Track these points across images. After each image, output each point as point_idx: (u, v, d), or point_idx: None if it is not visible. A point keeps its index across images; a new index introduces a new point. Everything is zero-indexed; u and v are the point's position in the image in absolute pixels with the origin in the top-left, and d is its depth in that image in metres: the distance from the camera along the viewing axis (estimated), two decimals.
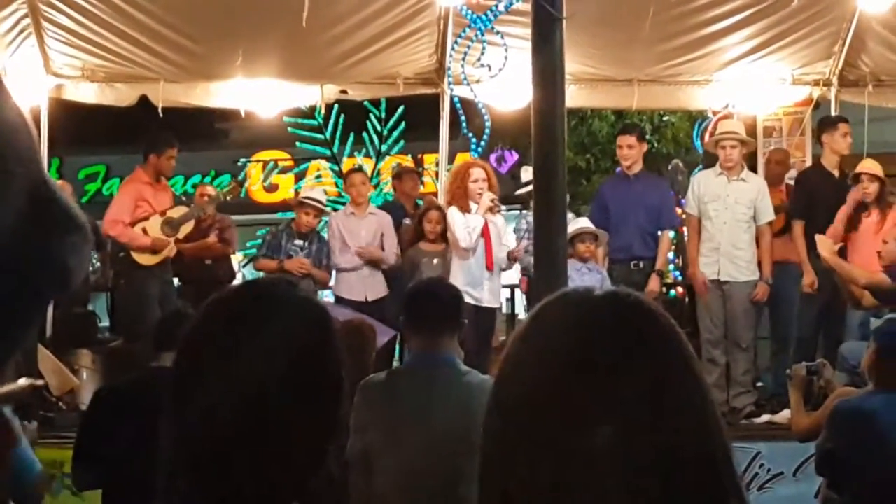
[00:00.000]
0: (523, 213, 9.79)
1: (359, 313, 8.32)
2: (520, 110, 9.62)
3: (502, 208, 9.09)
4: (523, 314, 10.61)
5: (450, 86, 10.38)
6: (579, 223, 9.14)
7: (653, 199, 9.47)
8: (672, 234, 10.14)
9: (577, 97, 10.66)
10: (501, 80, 9.91)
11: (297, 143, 17.32)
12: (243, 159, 19.03)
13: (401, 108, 16.36)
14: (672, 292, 11.81)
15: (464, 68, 10.06)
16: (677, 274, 12.12)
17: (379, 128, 17.08)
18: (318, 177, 17.43)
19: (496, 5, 9.68)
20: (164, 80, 10.40)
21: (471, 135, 10.22)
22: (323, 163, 17.41)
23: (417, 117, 14.49)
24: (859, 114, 10.59)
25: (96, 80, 10.49)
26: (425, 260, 9.16)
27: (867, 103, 10.80)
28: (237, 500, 1.62)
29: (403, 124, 16.88)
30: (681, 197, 10.46)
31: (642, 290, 8.79)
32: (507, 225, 9.40)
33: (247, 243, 14.81)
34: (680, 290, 11.76)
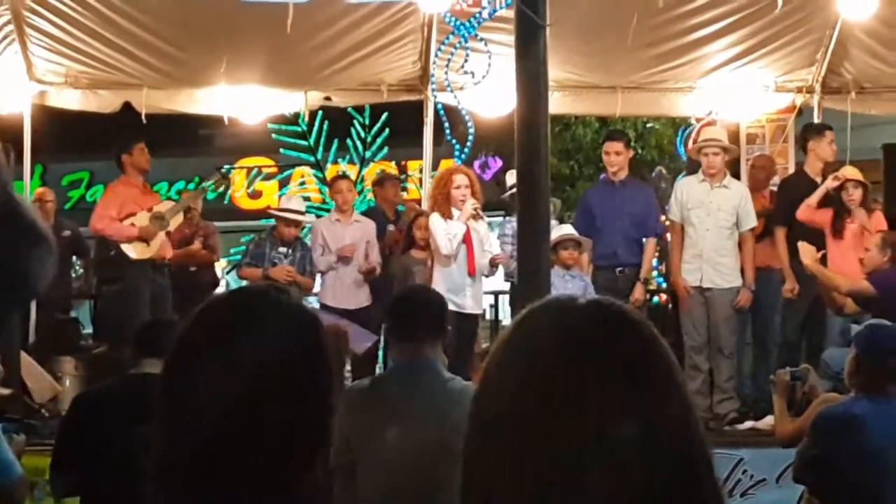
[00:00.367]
0: (507, 218, 9.79)
1: (339, 318, 8.30)
2: (503, 117, 9.60)
3: (483, 217, 9.09)
4: (507, 320, 10.61)
5: (433, 92, 10.39)
6: (562, 230, 9.10)
7: (638, 206, 9.47)
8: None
9: (560, 104, 10.70)
10: (485, 87, 9.92)
11: (281, 150, 17.27)
12: (227, 166, 18.94)
13: (385, 114, 16.33)
14: (655, 299, 11.83)
15: (447, 75, 10.07)
16: (661, 280, 12.13)
17: (363, 134, 17.04)
18: (302, 183, 17.40)
19: (480, 12, 9.69)
20: (148, 86, 10.39)
21: (454, 141, 10.22)
22: (307, 169, 17.36)
23: (401, 124, 14.45)
24: (842, 121, 10.63)
25: (80, 86, 10.47)
26: (417, 267, 9.14)
27: (850, 110, 10.83)
28: None
29: (387, 131, 16.85)
30: (664, 204, 10.48)
31: (626, 297, 8.81)
32: (491, 231, 9.40)
33: (230, 250, 14.79)
34: (663, 296, 11.77)
